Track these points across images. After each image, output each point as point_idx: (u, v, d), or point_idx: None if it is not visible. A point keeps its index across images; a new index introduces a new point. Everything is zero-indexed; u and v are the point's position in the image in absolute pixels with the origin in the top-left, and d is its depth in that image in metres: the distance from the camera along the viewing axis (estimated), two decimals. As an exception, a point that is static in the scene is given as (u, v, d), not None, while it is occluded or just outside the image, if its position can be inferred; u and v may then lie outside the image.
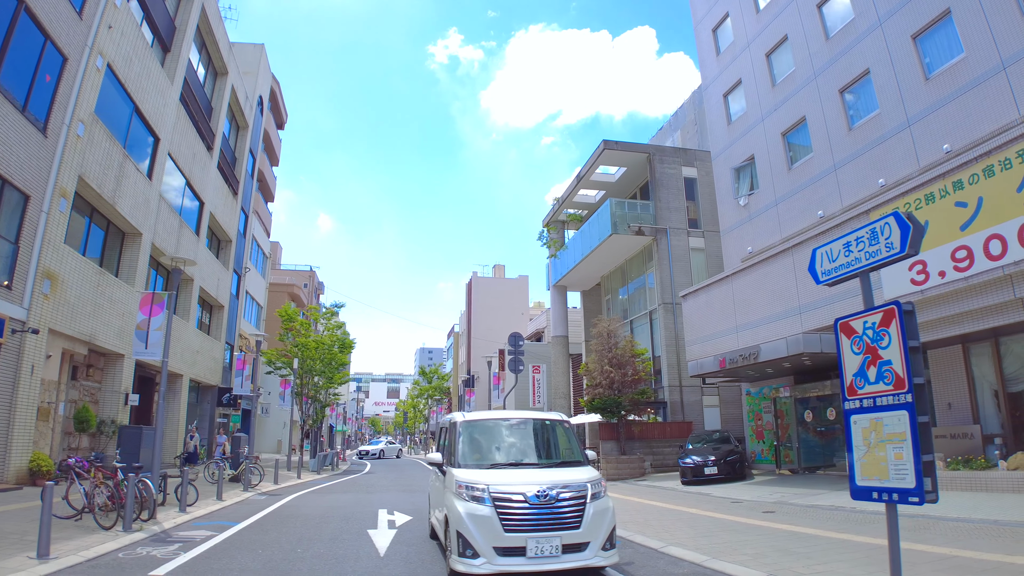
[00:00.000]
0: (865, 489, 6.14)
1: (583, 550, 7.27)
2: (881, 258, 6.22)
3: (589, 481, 7.68)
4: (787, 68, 23.46)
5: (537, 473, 7.93)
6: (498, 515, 7.19)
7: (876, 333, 6.23)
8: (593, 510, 7.43)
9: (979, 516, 10.74)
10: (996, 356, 15.74)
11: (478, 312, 66.45)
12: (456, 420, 9.12)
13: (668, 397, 28.63)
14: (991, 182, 13.41)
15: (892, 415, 5.96)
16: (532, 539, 7.12)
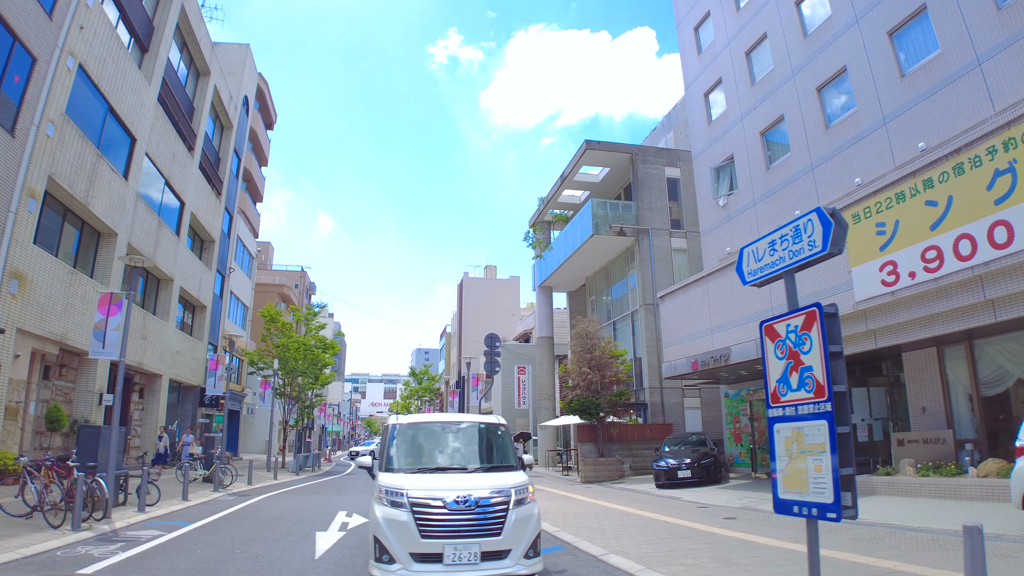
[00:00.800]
0: (787, 503, 5.75)
1: (504, 558, 6.97)
2: (803, 257, 5.79)
3: (514, 487, 7.37)
4: (766, 66, 22.98)
5: (462, 478, 7.64)
6: (415, 520, 6.91)
7: (799, 337, 5.79)
8: (516, 517, 7.14)
9: (940, 526, 10.23)
10: (970, 359, 15.24)
11: (469, 313, 65.87)
12: (389, 423, 8.86)
13: (649, 399, 28.12)
14: (961, 180, 12.90)
15: (813, 424, 5.53)
16: (450, 546, 6.84)
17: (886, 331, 15.09)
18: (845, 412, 5.45)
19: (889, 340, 15.08)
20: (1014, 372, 14.36)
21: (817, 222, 5.58)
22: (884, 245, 14.40)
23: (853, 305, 15.14)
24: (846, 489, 5.22)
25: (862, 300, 14.89)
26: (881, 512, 12.13)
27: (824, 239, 5.56)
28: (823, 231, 5.53)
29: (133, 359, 25.64)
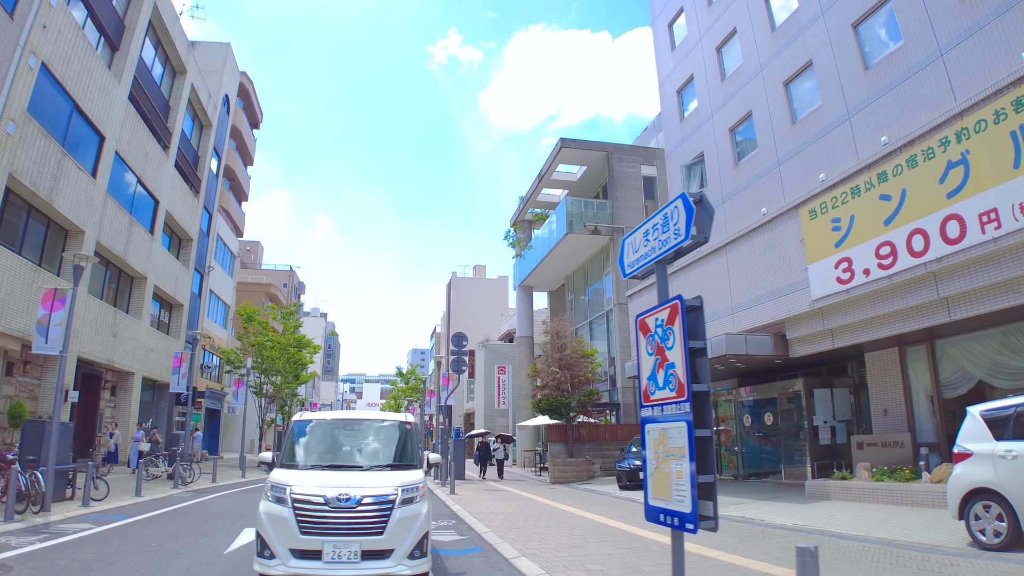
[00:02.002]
0: (655, 510, 5.24)
1: (385, 557, 6.76)
2: (671, 246, 5.19)
3: (402, 486, 7.18)
4: (736, 62, 22.30)
5: (354, 476, 7.45)
6: (296, 517, 6.77)
7: (664, 332, 5.19)
8: (400, 516, 6.94)
9: (878, 535, 9.55)
10: (932, 360, 14.56)
11: (457, 313, 65.17)
12: (292, 419, 8.76)
13: (622, 399, 27.44)
14: (914, 173, 12.25)
15: (675, 426, 4.97)
16: (329, 543, 6.69)
17: (843, 330, 14.43)
18: (706, 414, 4.89)
19: (847, 340, 14.42)
20: (975, 374, 13.68)
21: (682, 209, 4.99)
22: (839, 241, 13.75)
23: (809, 304, 14.48)
24: (705, 498, 4.75)
25: (818, 298, 14.23)
26: (825, 519, 11.46)
27: (687, 226, 4.97)
28: (686, 218, 4.94)
29: (102, 356, 25.25)
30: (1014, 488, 7.74)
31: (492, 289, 69.71)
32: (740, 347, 15.73)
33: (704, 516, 4.75)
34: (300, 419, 8.69)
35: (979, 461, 8.25)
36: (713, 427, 5.16)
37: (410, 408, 51.83)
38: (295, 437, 8.38)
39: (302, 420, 8.67)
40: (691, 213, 4.89)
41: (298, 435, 8.41)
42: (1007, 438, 8.05)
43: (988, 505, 8.05)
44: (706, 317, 15.69)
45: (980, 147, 11.03)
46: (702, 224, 4.97)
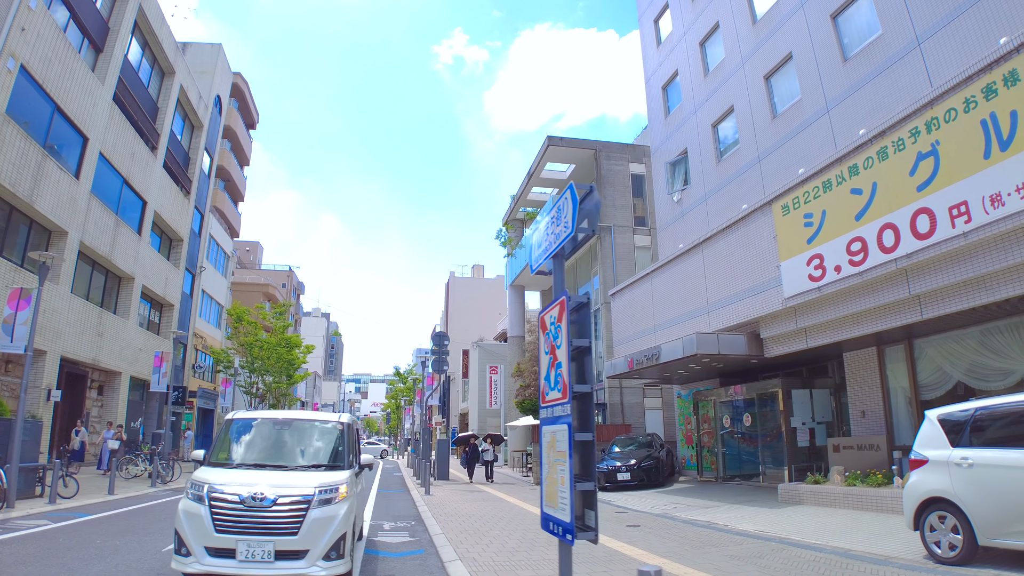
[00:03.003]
0: (546, 518, 5.00)
1: (300, 558, 6.70)
2: (562, 240, 4.80)
3: (321, 486, 7.12)
4: (719, 56, 21.72)
5: (275, 475, 7.39)
6: (212, 515, 6.75)
7: (555, 330, 4.77)
8: (316, 517, 6.87)
9: (836, 544, 8.97)
10: (910, 361, 13.95)
11: (455, 312, 64.57)
12: (227, 417, 8.78)
13: (608, 399, 26.88)
14: (885, 165, 11.66)
15: (560, 429, 4.57)
16: (243, 542, 6.64)
17: (816, 329, 13.84)
18: (588, 416, 4.51)
19: (820, 339, 13.83)
20: (953, 374, 13.07)
21: (569, 201, 4.59)
22: (811, 237, 13.17)
23: (782, 302, 13.91)
24: (589, 507, 4.61)
25: (790, 296, 13.64)
26: (789, 525, 10.90)
27: (572, 219, 4.65)
28: (571, 211, 4.55)
29: (87, 356, 25.01)
30: (970, 499, 7.17)
31: (490, 289, 68.98)
32: (712, 346, 15.16)
33: (585, 527, 4.55)
34: (233, 417, 8.67)
35: (934, 469, 7.67)
36: (594, 431, 4.83)
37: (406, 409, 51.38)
38: (225, 435, 8.36)
39: (235, 419, 8.64)
40: (576, 205, 4.55)
41: (229, 433, 8.39)
42: (964, 444, 7.47)
43: (943, 516, 7.47)
44: (683, 316, 15.25)
45: (950, 137, 10.44)
46: (590, 216, 4.75)
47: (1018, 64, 9.44)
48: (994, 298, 10.26)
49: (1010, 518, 6.80)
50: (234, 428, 8.49)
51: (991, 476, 7.03)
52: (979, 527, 7.05)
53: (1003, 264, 9.79)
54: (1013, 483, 6.80)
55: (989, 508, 7.00)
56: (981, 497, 7.08)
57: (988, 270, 10.04)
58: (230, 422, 8.57)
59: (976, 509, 7.10)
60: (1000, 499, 6.91)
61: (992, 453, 7.12)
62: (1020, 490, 6.72)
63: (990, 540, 6.96)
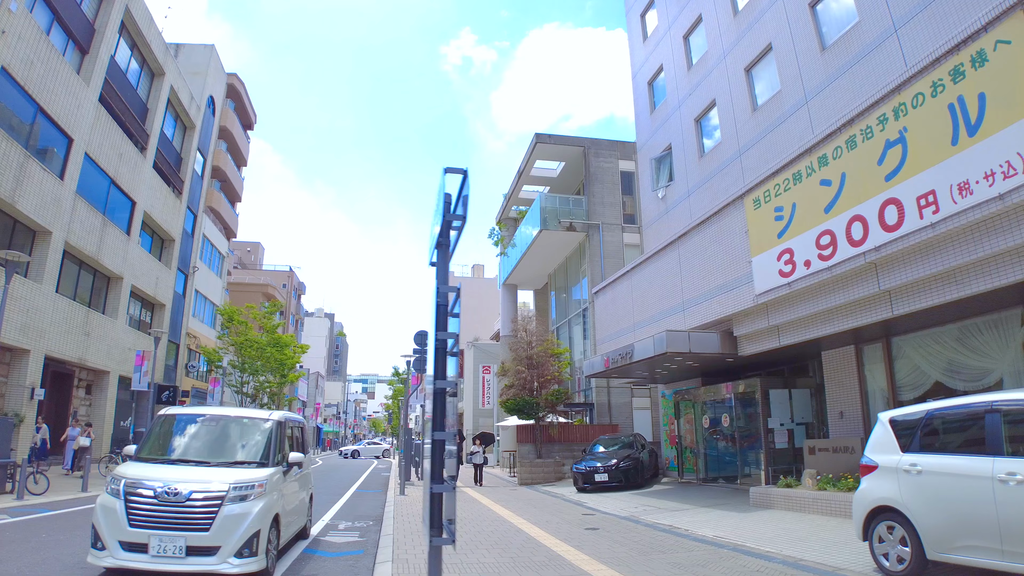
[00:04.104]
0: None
1: (211, 554, 6.66)
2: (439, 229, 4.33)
3: (237, 483, 7.10)
4: (701, 50, 21.06)
5: (195, 471, 7.38)
6: (127, 509, 6.72)
7: None
8: (229, 513, 6.82)
9: (789, 553, 8.33)
10: (888, 360, 13.25)
11: (454, 312, 63.51)
12: (159, 413, 8.84)
13: (596, 399, 26.24)
14: (854, 155, 10.99)
15: None
16: (155, 537, 6.62)
17: (788, 327, 13.17)
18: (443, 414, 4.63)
19: (792, 337, 13.14)
20: (932, 374, 12.36)
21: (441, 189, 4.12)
22: (782, 231, 12.50)
23: (753, 299, 13.23)
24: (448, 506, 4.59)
25: (761, 292, 12.97)
26: (749, 531, 10.24)
27: (441, 206, 4.54)
28: (440, 200, 4.22)
29: (74, 355, 24.86)
30: (918, 508, 6.51)
31: (490, 289, 67.80)
32: (682, 344, 14.48)
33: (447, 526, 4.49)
34: (164, 413, 8.68)
35: (884, 475, 7.02)
36: (456, 428, 4.68)
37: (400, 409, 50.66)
38: (155, 431, 8.33)
39: (165, 414, 8.63)
40: (441, 192, 4.49)
41: (157, 429, 8.36)
42: (913, 450, 6.81)
43: (892, 526, 6.82)
44: (660, 314, 14.56)
45: (918, 124, 9.77)
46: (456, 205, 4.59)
47: (986, 44, 8.78)
48: (965, 293, 9.58)
49: (958, 531, 6.15)
50: (164, 424, 8.44)
51: (939, 485, 6.39)
52: (927, 540, 6.40)
53: (973, 256, 9.12)
54: (961, 493, 6.15)
55: (937, 519, 6.36)
56: (929, 507, 6.44)
57: (958, 263, 9.37)
58: (161, 418, 8.54)
59: (924, 520, 6.45)
60: (948, 510, 6.27)
61: (941, 459, 6.47)
62: (968, 500, 6.07)
63: (938, 554, 6.32)
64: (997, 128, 8.51)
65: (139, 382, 25.72)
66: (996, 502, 5.80)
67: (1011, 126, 8.33)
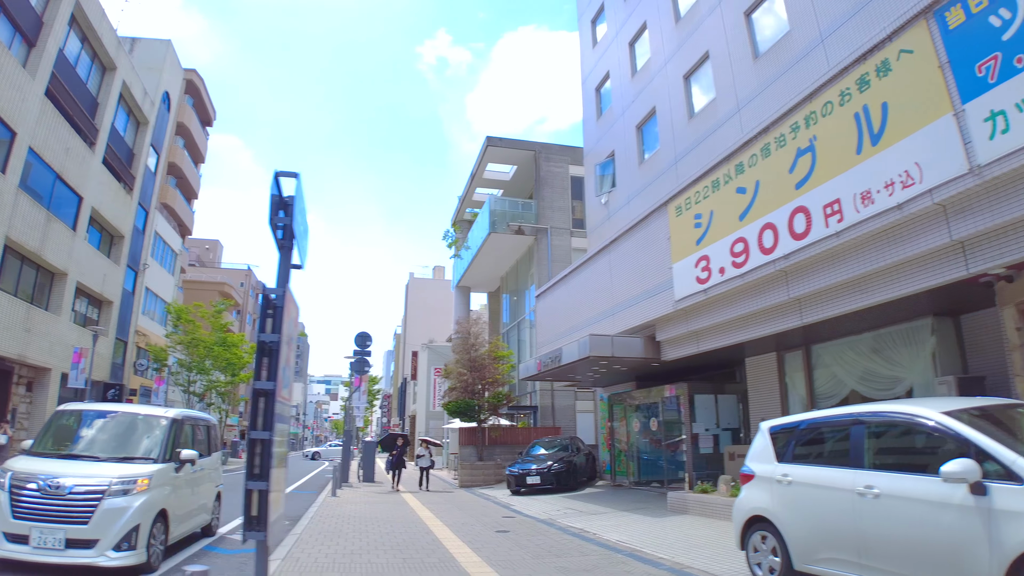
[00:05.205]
0: None
1: (90, 547, 6.75)
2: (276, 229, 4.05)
3: (121, 478, 7.22)
4: (645, 57, 20.98)
5: (82, 465, 7.48)
6: (11, 501, 6.85)
7: None
8: (108, 507, 6.92)
9: (681, 560, 8.16)
10: (807, 367, 13.19)
11: (414, 314, 63.15)
12: (56, 409, 9.05)
13: (540, 401, 26.05)
14: (768, 162, 10.90)
15: None
16: (36, 529, 6.73)
17: (706, 333, 13.05)
18: (267, 414, 4.52)
19: (711, 343, 13.02)
20: (848, 383, 12.31)
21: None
22: (700, 238, 12.38)
23: (674, 304, 13.10)
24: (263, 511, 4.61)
25: (680, 298, 12.84)
26: (652, 537, 10.04)
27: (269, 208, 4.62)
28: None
29: (13, 351, 23.97)
30: (787, 518, 6.36)
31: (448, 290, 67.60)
32: (606, 349, 14.32)
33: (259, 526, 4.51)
34: (61, 409, 8.80)
35: (760, 485, 6.86)
36: (271, 430, 4.49)
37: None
38: (50, 426, 8.43)
39: (61, 410, 8.75)
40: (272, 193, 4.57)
41: (53, 425, 8.45)
42: (787, 460, 6.65)
43: (765, 536, 6.66)
44: (593, 318, 14.35)
45: (827, 132, 9.68)
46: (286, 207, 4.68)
47: (890, 53, 8.72)
48: (870, 302, 9.49)
49: (822, 542, 6.00)
50: (60, 419, 8.54)
51: (806, 495, 6.24)
52: (794, 550, 6.25)
53: (876, 265, 9.03)
54: (825, 504, 6.00)
55: (803, 530, 6.21)
56: (796, 517, 6.29)
57: (863, 272, 9.28)
58: (57, 414, 8.65)
59: (791, 530, 6.30)
60: (813, 521, 6.12)
61: (809, 471, 6.32)
62: (831, 512, 5.92)
63: (804, 565, 6.17)
64: (898, 138, 8.43)
65: (76, 379, 25.02)
66: (856, 515, 5.65)
67: (911, 136, 8.26)
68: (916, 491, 5.20)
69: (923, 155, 8.04)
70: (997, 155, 7.12)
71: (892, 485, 5.42)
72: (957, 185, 7.62)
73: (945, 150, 7.75)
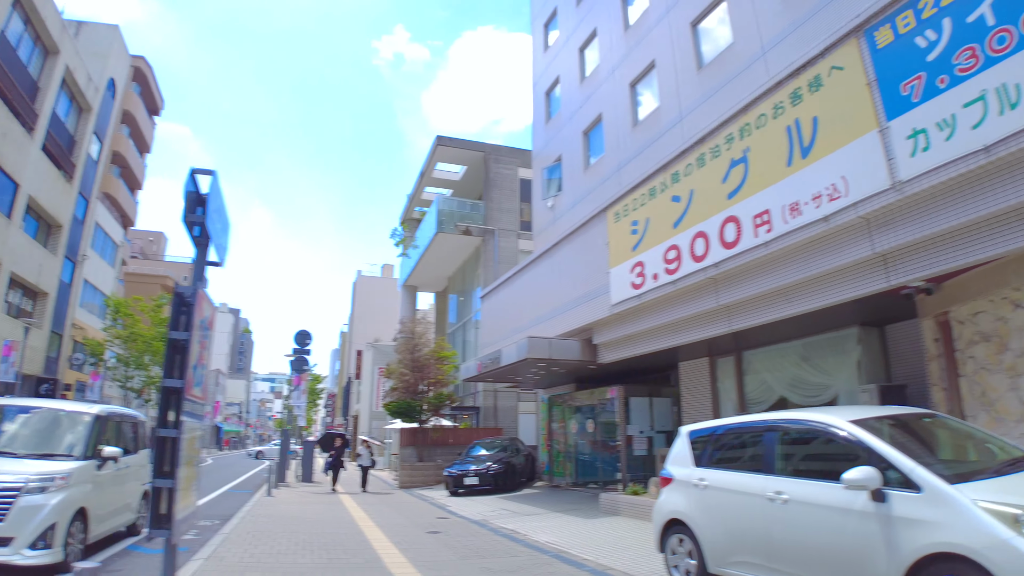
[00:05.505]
0: None
1: (6, 545, 6.61)
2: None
3: (38, 475, 7.10)
4: (594, 63, 21.17)
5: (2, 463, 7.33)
6: None
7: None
8: (24, 505, 6.78)
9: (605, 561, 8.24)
10: (739, 373, 13.46)
11: (362, 313, 62.44)
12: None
13: (483, 402, 26.06)
14: (702, 172, 11.08)
15: None
16: None
17: (639, 337, 13.22)
18: (175, 411, 4.58)
19: (644, 347, 13.19)
20: (777, 389, 12.60)
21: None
22: (636, 244, 12.55)
23: (610, 308, 13.25)
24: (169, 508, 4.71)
25: (616, 303, 13.00)
26: (580, 538, 10.13)
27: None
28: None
29: None
30: (702, 522, 6.48)
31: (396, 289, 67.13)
32: (544, 351, 14.41)
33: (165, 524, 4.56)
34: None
35: (678, 488, 6.98)
36: (179, 428, 4.45)
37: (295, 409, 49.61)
38: None
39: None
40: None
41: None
42: (704, 464, 6.78)
43: (683, 539, 6.77)
44: (534, 320, 14.36)
45: (759, 144, 9.88)
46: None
47: (822, 69, 8.92)
48: (795, 311, 9.71)
49: (734, 546, 6.13)
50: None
51: (720, 499, 6.37)
52: (708, 553, 6.37)
53: (802, 275, 9.25)
54: (738, 508, 6.13)
55: (717, 533, 6.34)
56: (711, 521, 6.42)
57: (789, 281, 9.49)
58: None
59: (706, 533, 6.42)
60: (726, 524, 6.25)
61: (723, 475, 6.45)
62: (743, 516, 6.05)
63: (718, 568, 6.30)
64: (827, 152, 8.64)
65: (6, 373, 24.16)
66: (766, 519, 5.77)
67: (839, 150, 8.46)
68: (822, 497, 5.32)
69: (850, 169, 8.24)
70: (918, 172, 7.33)
71: (800, 491, 5.55)
72: (880, 200, 7.83)
73: (870, 165, 7.96)
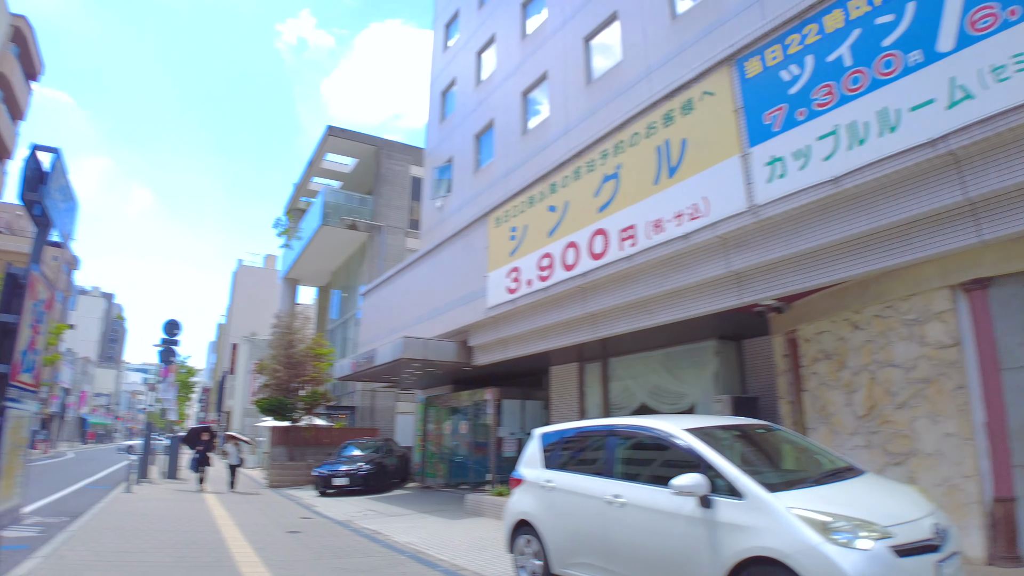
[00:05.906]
0: None
1: None
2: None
3: None
4: (490, 69, 21.48)
5: None
6: None
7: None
8: None
9: (460, 561, 8.44)
10: (604, 378, 14.06)
11: (241, 304, 60.35)
12: None
13: (360, 402, 25.86)
14: (577, 185, 11.51)
15: None
16: None
17: (512, 341, 13.57)
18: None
19: (517, 351, 13.54)
20: (639, 396, 13.23)
21: None
22: (513, 250, 12.88)
23: (485, 311, 13.53)
24: None
25: (492, 306, 13.29)
26: (439, 538, 10.34)
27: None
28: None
29: None
30: (548, 523, 6.78)
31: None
32: (419, 351, 14.53)
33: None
34: None
35: (527, 490, 7.27)
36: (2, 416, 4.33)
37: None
38: None
39: None
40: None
41: None
42: (552, 466, 7.11)
43: (530, 539, 7.05)
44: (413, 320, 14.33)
45: (631, 161, 10.38)
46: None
47: (694, 93, 9.43)
48: (654, 322, 10.23)
49: (576, 547, 6.46)
50: None
51: (564, 501, 6.69)
52: (552, 554, 6.68)
53: (661, 289, 9.76)
54: (580, 510, 6.47)
55: (561, 534, 6.65)
56: (556, 522, 6.73)
57: (649, 294, 9.99)
58: None
59: (551, 535, 6.73)
60: (569, 526, 6.57)
61: (568, 477, 6.79)
62: (584, 518, 6.39)
63: (561, 569, 6.61)
64: (692, 172, 9.15)
65: None
66: (605, 522, 6.10)
67: (703, 172, 8.99)
68: (655, 502, 5.69)
69: (712, 191, 8.78)
70: (773, 197, 7.90)
71: (636, 495, 5.91)
72: (737, 221, 8.38)
73: (730, 188, 8.51)
